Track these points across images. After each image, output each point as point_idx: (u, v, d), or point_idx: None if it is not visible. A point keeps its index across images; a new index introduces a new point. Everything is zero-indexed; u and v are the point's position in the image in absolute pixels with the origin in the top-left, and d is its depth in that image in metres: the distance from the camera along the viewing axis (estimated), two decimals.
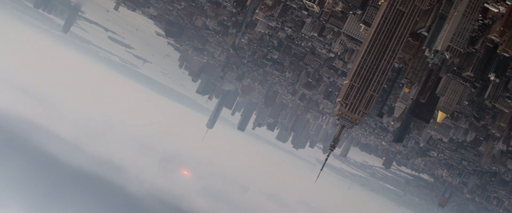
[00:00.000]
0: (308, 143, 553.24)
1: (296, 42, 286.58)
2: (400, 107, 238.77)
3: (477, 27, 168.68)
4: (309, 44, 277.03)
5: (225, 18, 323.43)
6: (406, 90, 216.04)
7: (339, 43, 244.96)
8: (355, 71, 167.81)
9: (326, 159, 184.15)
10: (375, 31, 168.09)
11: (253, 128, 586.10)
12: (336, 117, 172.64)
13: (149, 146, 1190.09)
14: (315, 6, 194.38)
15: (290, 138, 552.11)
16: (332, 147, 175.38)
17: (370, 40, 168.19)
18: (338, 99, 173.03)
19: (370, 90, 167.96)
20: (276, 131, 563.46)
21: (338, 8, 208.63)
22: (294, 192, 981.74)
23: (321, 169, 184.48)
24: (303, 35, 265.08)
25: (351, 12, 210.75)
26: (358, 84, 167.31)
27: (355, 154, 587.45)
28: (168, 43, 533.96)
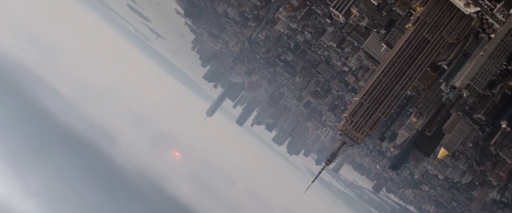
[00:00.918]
0: (302, 151, 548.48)
1: (313, 48, 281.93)
2: (403, 135, 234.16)
3: (499, 71, 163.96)
4: (326, 53, 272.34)
5: (247, 10, 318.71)
6: (414, 119, 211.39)
7: (356, 59, 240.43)
8: (368, 90, 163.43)
9: (320, 172, 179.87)
10: (396, 54, 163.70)
11: (252, 125, 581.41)
12: (339, 132, 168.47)
13: (145, 121, 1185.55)
14: (340, 16, 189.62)
15: (286, 142, 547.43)
16: (329, 161, 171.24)
17: (389, 62, 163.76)
18: (344, 115, 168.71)
19: (379, 112, 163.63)
20: (273, 133, 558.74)
21: (363, 23, 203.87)
22: (278, 197, 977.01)
23: (312, 182, 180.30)
24: (321, 43, 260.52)
25: (375, 30, 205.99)
26: (368, 103, 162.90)
27: (347, 171, 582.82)
28: (185, 23, 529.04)
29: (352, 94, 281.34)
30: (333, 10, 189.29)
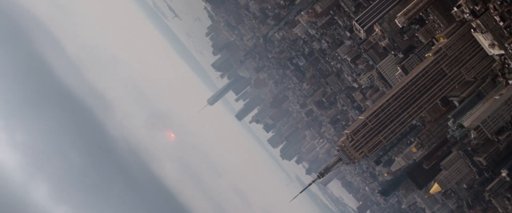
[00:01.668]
0: (295, 158, 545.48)
1: (327, 58, 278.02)
2: (399, 163, 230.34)
3: (510, 119, 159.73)
4: (338, 65, 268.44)
5: (269, 7, 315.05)
6: (414, 149, 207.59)
7: (368, 77, 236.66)
8: (375, 111, 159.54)
9: (310, 184, 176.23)
10: (410, 81, 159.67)
11: (250, 122, 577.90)
12: (337, 148, 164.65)
13: (146, 97, 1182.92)
14: (362, 32, 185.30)
15: (281, 146, 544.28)
16: (321, 175, 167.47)
17: (402, 88, 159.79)
18: (346, 131, 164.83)
19: (381, 135, 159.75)
20: (270, 134, 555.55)
21: (382, 43, 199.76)
22: (262, 198, 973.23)
23: (301, 192, 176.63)
24: (336, 54, 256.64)
25: (393, 52, 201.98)
26: (372, 124, 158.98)
27: (335, 187, 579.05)
28: (205, 8, 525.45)
29: (357, 112, 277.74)
30: (356, 24, 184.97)
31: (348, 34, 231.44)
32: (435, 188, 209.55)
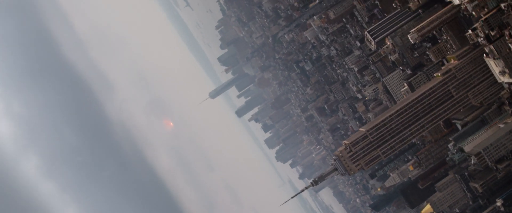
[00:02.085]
0: (290, 161, 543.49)
1: (334, 65, 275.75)
2: (394, 179, 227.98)
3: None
4: (344, 74, 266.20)
5: (282, 7, 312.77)
6: (411, 168, 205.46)
7: (373, 90, 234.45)
8: (377, 125, 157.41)
9: (302, 190, 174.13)
10: (416, 99, 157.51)
11: (249, 120, 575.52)
12: (334, 157, 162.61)
13: (148, 82, 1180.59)
14: (372, 43, 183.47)
15: (277, 147, 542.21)
16: (315, 182, 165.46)
17: (406, 105, 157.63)
18: (345, 142, 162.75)
19: (380, 150, 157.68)
20: (268, 134, 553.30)
21: (392, 57, 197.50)
22: (252, 197, 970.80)
23: (292, 197, 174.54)
24: (344, 63, 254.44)
25: (401, 68, 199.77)
26: (372, 138, 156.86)
27: (327, 195, 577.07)
28: (218, 0, 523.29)
29: (357, 122, 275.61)
30: (368, 34, 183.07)
31: (358, 44, 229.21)
32: (427, 208, 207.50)
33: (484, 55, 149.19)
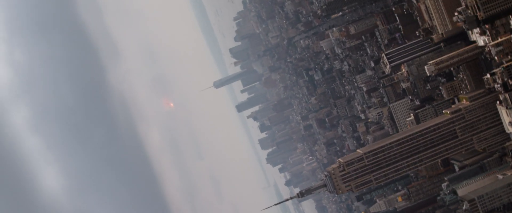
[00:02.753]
0: (280, 166, 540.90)
1: (343, 81, 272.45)
2: (380, 206, 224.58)
3: (506, 203, 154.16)
4: (352, 92, 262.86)
5: (304, 12, 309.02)
6: (399, 199, 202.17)
7: (378, 113, 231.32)
8: (375, 149, 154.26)
9: (287, 200, 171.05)
10: (419, 132, 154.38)
11: (248, 117, 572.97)
12: (326, 173, 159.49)
13: (156, 58, 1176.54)
14: (388, 67, 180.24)
15: (270, 150, 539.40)
16: (301, 194, 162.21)
17: (409, 136, 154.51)
18: (340, 160, 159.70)
19: (373, 176, 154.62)
20: (263, 135, 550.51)
21: (404, 85, 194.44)
22: (235, 193, 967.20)
23: (275, 204, 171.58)
24: (354, 80, 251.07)
25: (410, 97, 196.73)
26: (368, 161, 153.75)
27: (309, 206, 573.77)
28: None
29: (354, 142, 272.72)
30: (385, 57, 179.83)
31: (372, 65, 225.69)
32: None
33: (498, 102, 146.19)
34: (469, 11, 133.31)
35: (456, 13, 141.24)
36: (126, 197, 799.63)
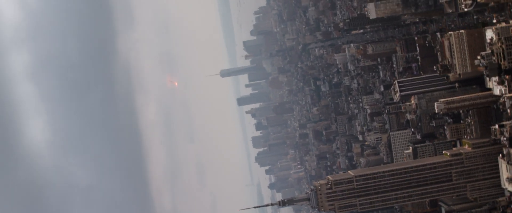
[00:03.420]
0: (267, 167, 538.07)
1: (349, 98, 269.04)
2: None
3: None
4: (355, 111, 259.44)
5: (326, 21, 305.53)
6: None
7: (376, 138, 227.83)
8: (366, 175, 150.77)
9: (267, 205, 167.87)
10: (415, 167, 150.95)
11: (247, 112, 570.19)
12: (312, 187, 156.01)
13: (169, 34, 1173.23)
14: (397, 95, 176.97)
15: (261, 149, 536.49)
16: (283, 203, 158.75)
17: (403, 169, 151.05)
18: (329, 176, 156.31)
19: (359, 201, 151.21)
20: (257, 133, 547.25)
21: (409, 116, 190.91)
22: (216, 183, 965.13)
23: (255, 207, 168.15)
24: (360, 100, 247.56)
25: (412, 130, 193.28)
26: (357, 185, 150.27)
27: None
28: None
29: (346, 161, 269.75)
30: (396, 84, 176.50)
31: (382, 89, 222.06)
32: None
33: (500, 155, 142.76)
34: (494, 58, 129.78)
35: (479, 57, 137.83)
36: (109, 164, 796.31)
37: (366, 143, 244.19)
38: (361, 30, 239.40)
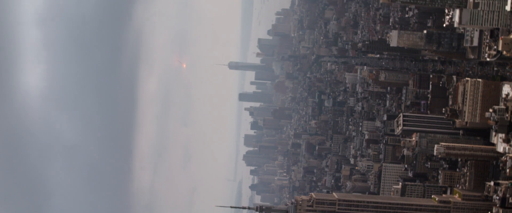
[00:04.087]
0: (252, 168, 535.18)
1: (349, 119, 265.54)
2: None
3: None
4: (353, 134, 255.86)
5: (344, 38, 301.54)
6: None
7: (367, 166, 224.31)
8: (350, 201, 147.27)
9: (244, 208, 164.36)
10: (401, 205, 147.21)
11: (245, 109, 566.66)
12: (293, 200, 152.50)
13: (187, 15, 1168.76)
14: (399, 128, 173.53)
15: (250, 149, 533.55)
16: (260, 210, 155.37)
17: (389, 203, 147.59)
18: (312, 194, 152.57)
19: None
20: (251, 132, 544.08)
21: (405, 152, 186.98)
22: (198, 170, 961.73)
23: (231, 207, 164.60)
24: (360, 124, 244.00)
25: (406, 166, 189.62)
26: (338, 209, 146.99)
27: None
28: None
29: (332, 181, 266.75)
30: (401, 117, 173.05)
31: (385, 118, 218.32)
32: None
33: (489, 212, 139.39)
34: (507, 115, 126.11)
35: (491, 110, 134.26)
36: (98, 128, 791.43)
37: (356, 167, 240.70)
38: (378, 55, 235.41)
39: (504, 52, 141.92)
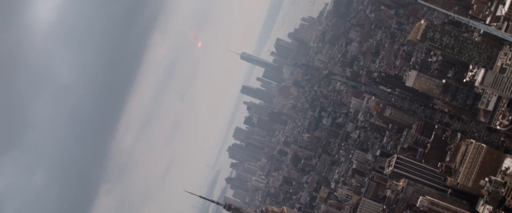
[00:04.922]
0: (234, 161, 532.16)
1: (342, 144, 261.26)
2: None
3: None
4: (341, 159, 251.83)
5: (361, 63, 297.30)
6: None
7: (346, 195, 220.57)
8: None
9: (213, 201, 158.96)
10: None
11: (244, 103, 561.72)
12: (263, 209, 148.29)
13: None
14: (389, 169, 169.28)
15: (238, 142, 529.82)
16: (229, 208, 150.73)
17: None
18: (284, 208, 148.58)
19: None
20: (243, 126, 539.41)
21: (388, 193, 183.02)
22: (180, 150, 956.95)
23: (200, 197, 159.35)
24: (351, 151, 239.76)
25: (384, 207, 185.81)
26: None
27: None
28: (327, 4, 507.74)
29: (308, 198, 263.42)
30: (394, 159, 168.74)
31: (377, 153, 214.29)
32: None
33: None
34: (502, 190, 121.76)
35: (487, 179, 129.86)
36: (95, 77, 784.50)
37: (335, 193, 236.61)
38: (389, 90, 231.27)
39: None
